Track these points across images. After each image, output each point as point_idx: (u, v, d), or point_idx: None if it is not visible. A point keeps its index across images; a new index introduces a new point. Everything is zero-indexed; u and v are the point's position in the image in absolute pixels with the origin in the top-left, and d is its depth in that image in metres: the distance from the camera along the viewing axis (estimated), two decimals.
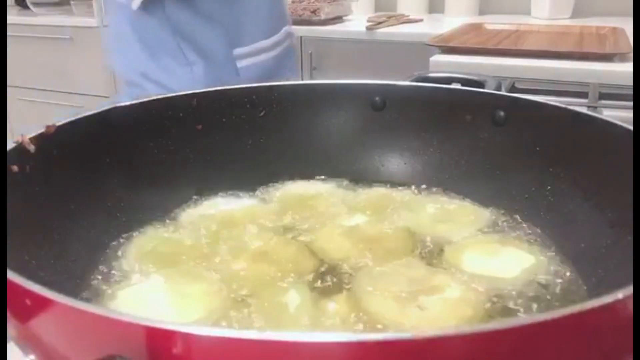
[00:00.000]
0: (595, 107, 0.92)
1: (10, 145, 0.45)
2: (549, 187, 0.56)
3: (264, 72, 0.98)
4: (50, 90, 2.52)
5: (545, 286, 0.47)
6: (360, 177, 0.66)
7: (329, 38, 1.98)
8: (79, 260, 0.48)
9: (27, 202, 0.46)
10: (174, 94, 0.61)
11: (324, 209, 0.59)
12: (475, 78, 0.70)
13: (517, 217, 0.57)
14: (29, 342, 0.30)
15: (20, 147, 0.46)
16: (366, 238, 0.53)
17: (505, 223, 0.56)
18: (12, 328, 0.31)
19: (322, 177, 0.66)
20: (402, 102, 0.65)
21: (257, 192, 0.63)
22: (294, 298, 0.45)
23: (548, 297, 0.46)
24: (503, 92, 0.64)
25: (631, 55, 1.25)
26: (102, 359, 0.25)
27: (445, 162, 0.64)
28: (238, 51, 0.96)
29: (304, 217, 0.58)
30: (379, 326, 0.41)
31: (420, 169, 0.65)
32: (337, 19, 2.10)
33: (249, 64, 0.97)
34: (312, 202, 0.60)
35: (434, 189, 0.63)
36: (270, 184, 0.64)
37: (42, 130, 0.48)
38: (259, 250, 0.51)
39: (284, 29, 1.01)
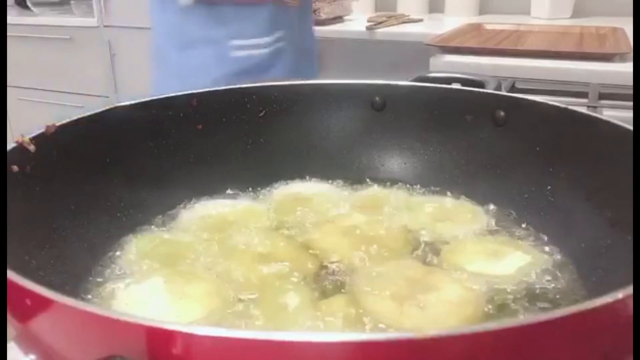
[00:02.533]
0: (595, 107, 0.92)
1: (10, 145, 0.45)
2: (549, 187, 0.56)
3: (251, 65, 1.11)
4: (50, 90, 2.52)
5: (545, 286, 0.47)
6: (360, 177, 0.66)
7: (329, 38, 1.97)
8: (79, 260, 0.48)
9: (27, 202, 0.46)
10: (174, 94, 0.61)
11: (323, 208, 0.59)
12: (475, 78, 0.70)
13: (517, 216, 0.57)
14: (29, 342, 0.30)
15: (20, 147, 0.46)
16: (365, 238, 0.53)
17: (504, 223, 0.56)
18: (12, 328, 0.31)
19: (322, 176, 0.66)
20: (402, 102, 0.65)
21: (257, 192, 0.63)
22: (293, 298, 0.44)
23: (548, 296, 0.46)
24: (503, 92, 0.64)
25: (631, 55, 1.25)
26: (102, 359, 0.25)
27: (445, 162, 0.64)
28: (236, 42, 1.10)
29: (303, 217, 0.58)
30: (380, 326, 0.41)
31: (420, 169, 0.65)
32: (337, 19, 2.09)
33: (243, 55, 1.11)
34: (311, 202, 0.60)
35: (434, 189, 0.63)
36: (270, 184, 0.64)
37: (42, 130, 0.48)
38: (259, 250, 0.51)
39: (277, 34, 1.13)
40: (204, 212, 0.59)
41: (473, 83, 0.68)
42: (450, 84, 0.67)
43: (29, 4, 2.48)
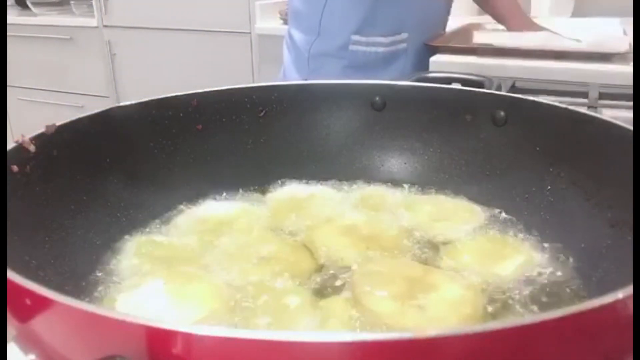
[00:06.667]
0: (595, 107, 0.92)
1: (10, 145, 0.45)
2: (549, 187, 0.56)
3: (369, 62, 1.15)
4: (50, 90, 2.52)
5: (544, 286, 0.47)
6: (360, 177, 0.66)
7: None
8: (79, 260, 0.48)
9: (27, 202, 0.46)
10: (173, 94, 0.61)
11: (322, 208, 0.59)
12: (475, 78, 0.70)
13: (517, 216, 0.57)
14: (29, 342, 0.30)
15: (20, 147, 0.46)
16: (364, 237, 0.53)
17: (504, 222, 0.56)
18: (12, 328, 0.31)
19: (322, 176, 0.66)
20: (402, 102, 0.65)
21: (257, 192, 0.63)
22: (293, 298, 0.44)
23: (548, 296, 0.46)
24: (503, 92, 0.64)
25: (631, 55, 1.25)
26: (102, 359, 0.25)
27: (445, 162, 0.64)
28: (355, 38, 1.14)
29: (302, 217, 0.58)
30: (380, 326, 0.41)
31: (420, 169, 0.65)
32: None
33: (360, 51, 1.15)
34: (311, 202, 0.60)
35: (434, 189, 0.63)
36: (270, 184, 0.64)
37: (42, 130, 0.48)
38: (258, 251, 0.51)
39: (400, 35, 1.17)
40: (204, 212, 0.59)
41: (473, 83, 0.68)
42: (450, 84, 0.67)
43: (29, 4, 2.48)
